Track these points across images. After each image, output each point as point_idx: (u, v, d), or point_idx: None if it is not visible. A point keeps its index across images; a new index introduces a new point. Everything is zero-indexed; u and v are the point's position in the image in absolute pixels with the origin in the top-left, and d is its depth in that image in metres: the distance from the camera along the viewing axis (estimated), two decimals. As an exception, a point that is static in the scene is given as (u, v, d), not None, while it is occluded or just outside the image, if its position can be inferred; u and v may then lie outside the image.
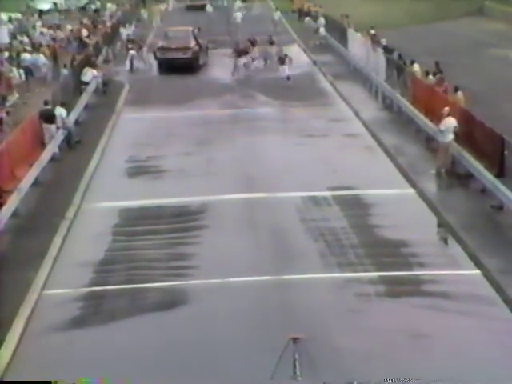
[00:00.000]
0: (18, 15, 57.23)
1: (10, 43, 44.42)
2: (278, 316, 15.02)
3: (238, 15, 61.95)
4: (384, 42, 39.86)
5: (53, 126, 26.42)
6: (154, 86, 39.24)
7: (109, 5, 66.62)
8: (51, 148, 25.40)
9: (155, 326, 15.00)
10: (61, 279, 17.19)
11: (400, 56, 35.49)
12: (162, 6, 72.06)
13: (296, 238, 18.92)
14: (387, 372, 12.53)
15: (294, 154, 25.97)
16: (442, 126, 23.00)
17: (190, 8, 71.97)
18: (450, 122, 22.90)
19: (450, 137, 22.86)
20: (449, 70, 31.02)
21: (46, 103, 27.42)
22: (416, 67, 32.44)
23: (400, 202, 21.22)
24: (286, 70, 35.52)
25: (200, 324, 14.88)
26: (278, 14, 59.40)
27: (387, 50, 37.15)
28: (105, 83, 37.32)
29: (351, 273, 16.99)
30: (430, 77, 30.17)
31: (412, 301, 15.78)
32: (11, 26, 51.53)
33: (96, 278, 17.07)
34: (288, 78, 33.47)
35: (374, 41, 40.30)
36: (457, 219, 19.39)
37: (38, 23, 54.82)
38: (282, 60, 37.23)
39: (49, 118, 26.55)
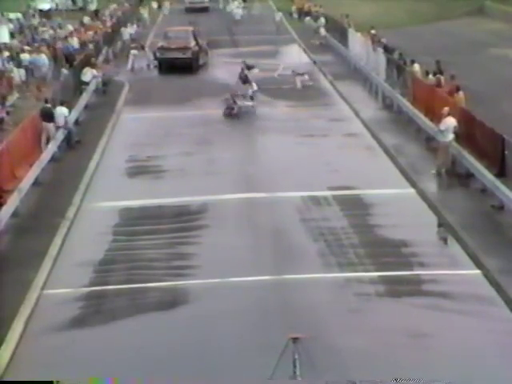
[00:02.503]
0: (19, 15, 57.19)
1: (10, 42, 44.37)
2: (278, 316, 15.02)
3: (239, 12, 61.94)
4: (384, 41, 39.84)
5: (51, 125, 26.41)
6: (154, 86, 39.22)
7: (109, 4, 66.60)
8: (51, 148, 25.39)
9: (155, 326, 14.99)
10: (61, 279, 17.19)
11: (400, 55, 35.47)
12: (155, 5, 72.21)
13: (296, 238, 18.91)
14: (387, 372, 12.53)
15: (294, 154, 25.96)
16: (442, 126, 23.00)
17: (190, 10, 71.75)
18: (450, 122, 22.90)
19: (450, 136, 22.85)
20: (449, 70, 30.95)
21: (46, 101, 27.42)
22: (416, 67, 32.41)
23: (400, 202, 21.21)
24: (249, 90, 33.45)
25: (200, 323, 14.87)
26: (279, 15, 59.26)
27: (387, 50, 37.13)
28: (105, 83, 37.33)
29: (351, 272, 16.98)
30: (430, 76, 30.15)
31: (412, 301, 15.77)
32: (11, 26, 51.47)
33: (96, 278, 17.07)
34: (251, 97, 32.89)
35: (374, 40, 40.27)
36: (457, 219, 19.38)
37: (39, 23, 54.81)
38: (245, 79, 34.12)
39: (48, 116, 26.54)
